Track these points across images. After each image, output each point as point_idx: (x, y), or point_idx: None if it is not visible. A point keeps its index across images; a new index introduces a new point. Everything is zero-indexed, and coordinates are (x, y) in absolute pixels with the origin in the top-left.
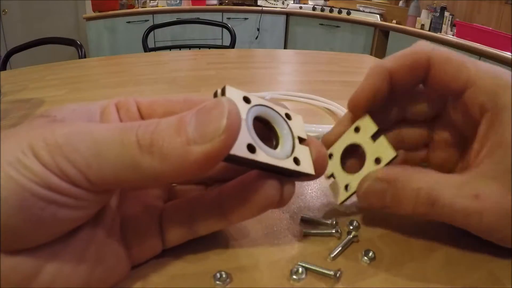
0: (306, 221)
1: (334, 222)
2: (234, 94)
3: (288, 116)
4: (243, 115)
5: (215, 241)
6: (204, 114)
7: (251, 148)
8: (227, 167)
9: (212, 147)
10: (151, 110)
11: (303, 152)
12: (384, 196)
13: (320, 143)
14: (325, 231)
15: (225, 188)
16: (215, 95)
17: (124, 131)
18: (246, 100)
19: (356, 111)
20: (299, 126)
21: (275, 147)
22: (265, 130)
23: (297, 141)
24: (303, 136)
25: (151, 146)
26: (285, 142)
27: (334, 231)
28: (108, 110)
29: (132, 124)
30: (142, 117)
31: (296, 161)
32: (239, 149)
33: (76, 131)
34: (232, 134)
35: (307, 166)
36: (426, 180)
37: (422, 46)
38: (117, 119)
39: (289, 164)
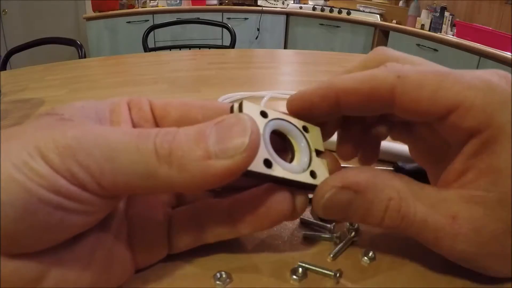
0: (306, 224)
1: (333, 227)
2: (252, 109)
3: (305, 128)
4: (260, 130)
5: (216, 242)
6: (225, 129)
7: (267, 163)
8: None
9: (233, 163)
10: (165, 112)
11: (320, 165)
12: (349, 207)
13: (336, 157)
14: (325, 236)
15: (236, 199)
16: (232, 110)
17: (141, 137)
18: (263, 114)
19: (294, 114)
20: (317, 139)
21: (291, 160)
22: (282, 143)
23: (314, 154)
24: (321, 148)
25: (169, 155)
26: (302, 156)
27: (334, 235)
28: (119, 108)
29: (149, 131)
30: (155, 119)
31: (313, 174)
32: (256, 165)
33: (89, 134)
34: (253, 152)
35: (323, 179)
36: (399, 189)
37: (382, 72)
38: (128, 118)
39: (305, 178)
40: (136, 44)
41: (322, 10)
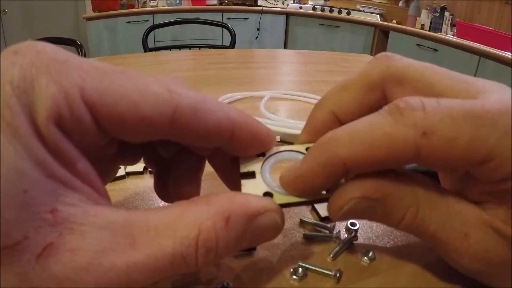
0: (305, 223)
1: (333, 227)
2: (250, 161)
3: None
4: (259, 170)
5: None
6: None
7: (268, 195)
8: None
9: None
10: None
11: None
12: (368, 213)
13: None
14: (324, 235)
15: None
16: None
17: None
18: (261, 155)
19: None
20: None
21: None
22: None
23: None
24: None
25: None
26: None
27: (334, 235)
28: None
29: None
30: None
31: None
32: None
33: None
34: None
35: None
36: (419, 196)
37: (400, 130)
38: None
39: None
40: (136, 44)
41: (322, 10)
